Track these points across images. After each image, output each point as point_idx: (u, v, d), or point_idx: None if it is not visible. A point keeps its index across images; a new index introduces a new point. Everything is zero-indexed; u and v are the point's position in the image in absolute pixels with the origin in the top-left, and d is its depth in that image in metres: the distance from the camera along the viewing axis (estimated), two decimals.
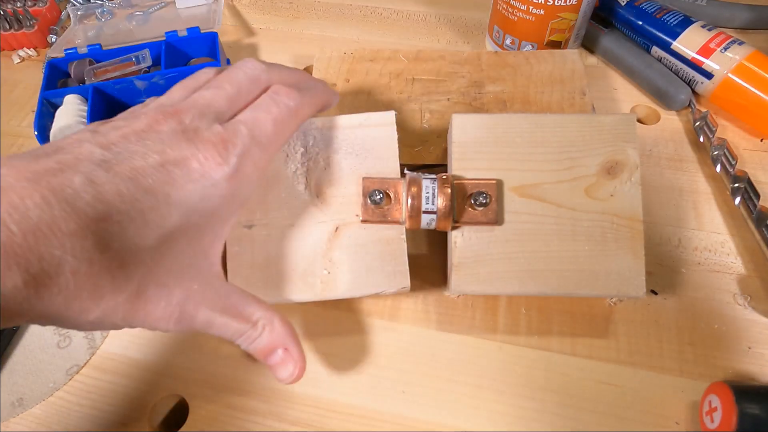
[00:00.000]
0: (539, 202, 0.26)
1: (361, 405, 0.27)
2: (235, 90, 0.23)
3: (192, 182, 0.20)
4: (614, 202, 0.26)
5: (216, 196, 0.21)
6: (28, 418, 0.27)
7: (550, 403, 0.27)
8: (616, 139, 0.27)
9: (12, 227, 0.16)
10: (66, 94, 0.38)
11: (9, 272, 0.15)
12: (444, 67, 0.37)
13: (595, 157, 0.27)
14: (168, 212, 0.19)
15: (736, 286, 0.30)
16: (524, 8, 0.38)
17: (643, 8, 0.42)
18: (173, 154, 0.20)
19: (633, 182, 0.26)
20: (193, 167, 0.20)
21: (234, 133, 0.21)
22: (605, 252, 0.26)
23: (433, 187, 0.26)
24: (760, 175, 0.35)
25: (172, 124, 0.21)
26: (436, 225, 0.26)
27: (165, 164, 0.20)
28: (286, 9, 0.51)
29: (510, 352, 0.28)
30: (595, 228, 0.26)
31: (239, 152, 0.21)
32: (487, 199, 0.26)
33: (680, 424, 0.26)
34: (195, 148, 0.20)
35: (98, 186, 0.18)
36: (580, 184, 0.26)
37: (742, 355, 0.28)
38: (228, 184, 0.21)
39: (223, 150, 0.21)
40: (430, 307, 0.30)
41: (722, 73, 0.37)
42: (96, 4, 0.48)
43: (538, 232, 0.26)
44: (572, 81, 0.35)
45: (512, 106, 0.34)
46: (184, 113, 0.21)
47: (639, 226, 0.26)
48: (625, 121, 0.27)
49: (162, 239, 0.19)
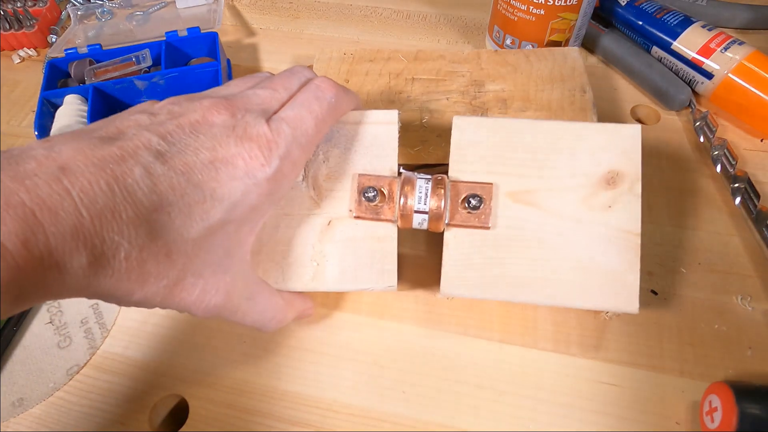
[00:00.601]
0: (534, 208, 0.26)
1: (361, 405, 0.27)
2: (287, 95, 0.25)
3: (236, 180, 0.21)
4: (612, 214, 0.25)
5: (256, 193, 0.22)
6: (28, 418, 0.27)
7: (549, 403, 0.27)
8: (618, 149, 0.26)
9: (83, 211, 0.17)
10: (66, 94, 0.38)
11: (77, 253, 0.17)
12: (444, 66, 0.37)
13: (596, 166, 0.26)
14: (212, 207, 0.21)
15: (736, 286, 0.30)
16: (524, 8, 0.38)
17: (643, 8, 0.42)
18: (222, 152, 0.21)
19: (633, 194, 0.25)
20: (239, 165, 0.21)
21: (278, 133, 0.22)
22: (599, 264, 0.25)
23: (427, 188, 0.26)
24: (760, 175, 0.35)
25: (224, 116, 0.22)
26: (428, 225, 0.26)
27: (214, 161, 0.21)
28: (286, 9, 0.51)
29: (510, 352, 0.28)
30: (591, 239, 0.25)
31: (281, 154, 0.22)
32: (479, 202, 0.25)
33: (680, 424, 0.26)
34: (242, 147, 0.21)
35: (154, 178, 0.19)
36: (578, 193, 0.26)
37: (742, 355, 0.28)
38: (268, 183, 0.22)
39: (267, 151, 0.22)
40: (430, 307, 0.30)
41: (722, 73, 0.37)
42: (96, 4, 0.48)
43: (532, 239, 0.26)
44: (572, 78, 0.35)
45: (512, 105, 0.34)
46: (237, 108, 0.22)
47: (636, 239, 0.25)
48: (630, 132, 0.26)
49: (204, 232, 0.21)
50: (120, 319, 0.31)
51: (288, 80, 0.25)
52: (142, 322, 0.30)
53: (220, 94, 0.24)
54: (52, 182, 0.17)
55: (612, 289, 0.25)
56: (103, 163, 0.18)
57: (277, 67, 0.45)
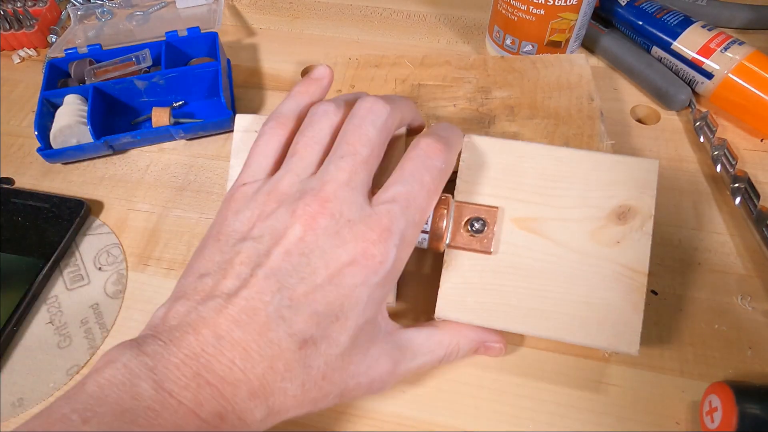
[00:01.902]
0: (539, 237, 0.25)
1: (361, 405, 0.27)
2: (369, 150, 0.23)
3: (357, 287, 0.21)
4: (620, 250, 0.24)
5: (380, 287, 0.22)
6: (28, 418, 0.27)
7: (549, 403, 0.27)
8: (633, 183, 0.25)
9: (251, 377, 0.19)
10: (66, 94, 0.38)
11: (257, 409, 0.19)
12: (450, 72, 0.37)
13: (608, 199, 0.25)
14: (346, 320, 0.21)
15: (736, 286, 0.30)
16: (524, 8, 0.38)
17: (643, 8, 0.42)
18: (335, 265, 0.21)
19: (644, 232, 0.24)
20: (356, 273, 0.21)
21: (389, 218, 0.22)
22: (601, 302, 0.24)
23: None
24: (760, 175, 0.35)
25: (324, 221, 0.21)
26: (428, 245, 0.26)
27: (332, 279, 0.21)
28: (286, 9, 0.51)
29: (510, 352, 0.28)
30: (595, 274, 0.24)
31: (397, 242, 0.22)
32: (483, 226, 0.25)
33: (680, 424, 0.26)
34: (354, 250, 0.21)
35: (289, 320, 0.20)
36: (586, 226, 0.25)
37: (742, 355, 0.28)
38: (389, 273, 0.22)
39: (381, 244, 0.21)
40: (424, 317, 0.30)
41: (722, 73, 0.37)
42: (96, 4, 0.48)
43: (534, 268, 0.25)
44: (580, 86, 0.35)
45: (519, 112, 0.34)
46: (332, 203, 0.21)
47: (642, 279, 0.24)
48: (647, 166, 0.25)
49: (347, 343, 0.21)
50: (120, 319, 0.31)
51: (362, 129, 0.23)
52: (142, 322, 0.30)
53: (302, 181, 0.23)
54: (219, 355, 0.19)
55: (613, 329, 0.24)
56: (242, 322, 0.20)
57: (277, 67, 0.45)
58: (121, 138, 0.37)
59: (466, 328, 0.26)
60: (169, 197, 0.36)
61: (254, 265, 0.21)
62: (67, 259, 0.33)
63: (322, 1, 0.52)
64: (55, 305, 0.31)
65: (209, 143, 0.39)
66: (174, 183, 0.37)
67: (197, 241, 0.34)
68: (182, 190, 0.37)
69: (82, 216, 0.35)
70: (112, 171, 0.38)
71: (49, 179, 0.38)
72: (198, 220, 0.35)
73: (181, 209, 0.36)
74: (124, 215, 0.35)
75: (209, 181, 0.37)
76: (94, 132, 0.36)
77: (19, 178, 0.38)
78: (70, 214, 0.34)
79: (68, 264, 0.33)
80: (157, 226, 0.35)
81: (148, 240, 0.34)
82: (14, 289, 0.31)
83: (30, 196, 0.36)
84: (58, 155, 0.37)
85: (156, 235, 0.34)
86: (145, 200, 0.36)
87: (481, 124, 0.34)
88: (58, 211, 0.35)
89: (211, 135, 0.40)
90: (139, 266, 0.33)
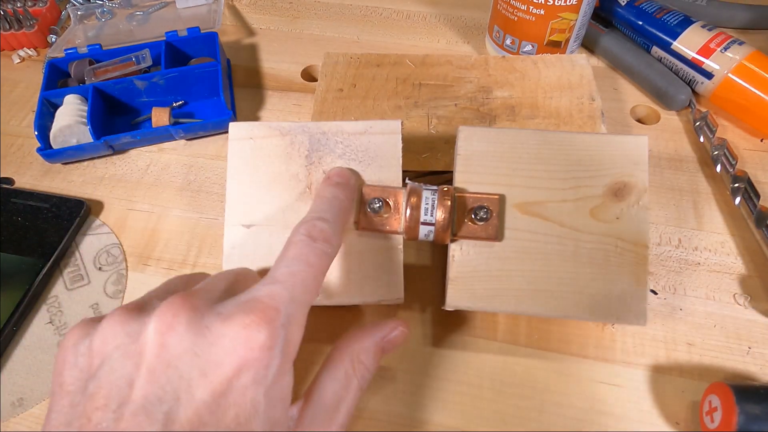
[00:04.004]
0: (542, 220, 0.26)
1: (361, 405, 0.27)
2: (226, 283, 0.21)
3: (249, 389, 0.18)
4: (620, 226, 0.25)
5: (275, 376, 0.18)
6: (28, 418, 0.27)
7: (549, 403, 0.27)
8: (626, 160, 0.26)
9: None
10: (66, 94, 0.38)
11: None
12: (451, 72, 0.37)
13: (602, 177, 0.26)
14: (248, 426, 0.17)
15: (736, 286, 0.30)
16: (524, 8, 0.38)
17: (643, 8, 0.42)
18: (217, 377, 0.17)
19: (641, 206, 0.25)
20: (243, 378, 0.17)
21: (271, 298, 0.19)
22: (607, 276, 0.25)
23: (433, 199, 0.25)
24: (760, 175, 0.35)
25: (185, 314, 0.18)
26: (434, 237, 0.26)
27: (216, 397, 0.17)
28: (286, 9, 0.51)
29: (510, 352, 0.28)
30: (598, 251, 0.25)
31: (284, 321, 0.19)
32: (487, 214, 0.25)
33: (680, 424, 0.26)
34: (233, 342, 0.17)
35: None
36: (586, 205, 0.25)
37: (742, 355, 0.28)
38: (282, 361, 0.19)
39: (265, 327, 0.18)
40: (431, 307, 0.30)
41: (722, 73, 0.37)
42: (96, 4, 0.48)
43: (539, 251, 0.25)
44: (581, 86, 0.35)
45: (520, 112, 0.34)
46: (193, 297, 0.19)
47: (644, 251, 0.25)
48: (637, 143, 0.26)
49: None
50: None
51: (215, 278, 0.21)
52: None
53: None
54: None
55: (620, 302, 0.25)
56: None
57: (277, 67, 0.45)
58: (121, 138, 0.37)
59: (354, 342, 0.23)
60: (169, 197, 0.36)
61: (117, 404, 0.16)
62: (67, 259, 0.33)
63: (322, 1, 0.52)
64: (55, 305, 0.31)
65: (209, 143, 0.39)
66: (174, 183, 0.37)
67: (197, 241, 0.34)
68: (182, 190, 0.37)
69: (82, 216, 0.35)
70: (112, 171, 0.38)
71: (49, 179, 0.38)
72: (198, 220, 0.35)
73: (181, 209, 0.36)
74: (124, 215, 0.35)
75: (209, 181, 0.37)
76: (94, 132, 0.36)
77: (19, 178, 0.38)
78: (70, 214, 0.34)
79: (68, 264, 0.33)
80: (156, 226, 0.35)
81: (148, 240, 0.34)
82: (14, 289, 0.31)
83: (30, 196, 0.36)
84: (58, 155, 0.37)
85: (156, 235, 0.34)
86: (145, 200, 0.36)
87: (482, 124, 0.34)
88: (58, 211, 0.35)
89: (211, 135, 0.40)
90: (139, 266, 0.33)
